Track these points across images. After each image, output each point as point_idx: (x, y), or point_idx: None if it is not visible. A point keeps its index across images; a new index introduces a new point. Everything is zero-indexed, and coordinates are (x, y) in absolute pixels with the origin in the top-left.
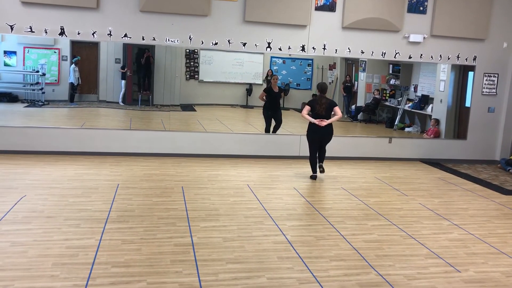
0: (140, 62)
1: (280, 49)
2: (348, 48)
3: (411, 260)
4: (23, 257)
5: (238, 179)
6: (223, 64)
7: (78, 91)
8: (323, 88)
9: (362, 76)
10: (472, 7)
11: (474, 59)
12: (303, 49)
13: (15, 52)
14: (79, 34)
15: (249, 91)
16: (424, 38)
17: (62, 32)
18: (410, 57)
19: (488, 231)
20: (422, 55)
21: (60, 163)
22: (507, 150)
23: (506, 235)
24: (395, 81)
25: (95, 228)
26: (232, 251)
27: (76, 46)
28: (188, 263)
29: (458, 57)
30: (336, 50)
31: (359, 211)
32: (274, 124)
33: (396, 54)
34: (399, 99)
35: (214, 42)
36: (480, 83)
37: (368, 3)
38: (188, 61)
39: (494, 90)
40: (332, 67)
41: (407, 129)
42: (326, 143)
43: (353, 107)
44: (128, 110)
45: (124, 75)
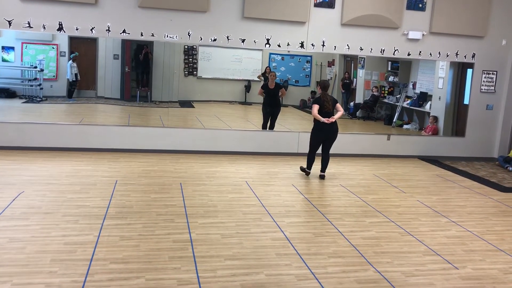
0: (138, 58)
1: (279, 45)
2: (347, 45)
3: (409, 257)
4: (21, 253)
5: (236, 175)
6: (222, 61)
7: (77, 87)
8: (326, 85)
9: (360, 73)
10: (471, 4)
11: (473, 56)
12: (302, 45)
13: (13, 48)
14: (77, 30)
15: (247, 88)
16: (423, 35)
17: (61, 28)
18: (409, 54)
19: (486, 228)
20: (421, 52)
21: (58, 159)
22: (505, 147)
23: (504, 232)
24: (393, 78)
25: (93, 224)
26: (231, 248)
27: (74, 42)
28: (187, 260)
29: (457, 54)
30: (335, 47)
31: (357, 208)
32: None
33: (395, 51)
34: (397, 96)
35: (213, 39)
36: (479, 81)
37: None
38: (186, 57)
39: (493, 88)
40: (331, 63)
41: (405, 126)
42: (331, 143)
43: (351, 104)
44: (126, 106)
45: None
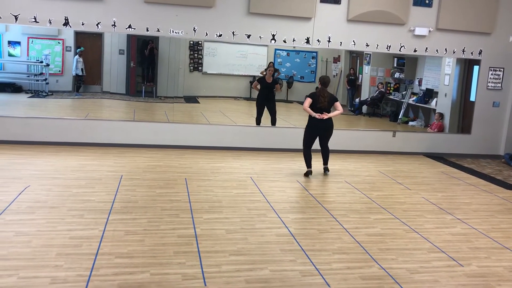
0: (144, 54)
1: (284, 41)
2: (353, 41)
3: (414, 254)
4: (27, 247)
5: (241, 171)
6: (227, 56)
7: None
8: (326, 81)
9: (366, 69)
10: (478, 1)
11: (480, 53)
12: (308, 41)
13: (19, 43)
14: (83, 24)
15: (252, 84)
16: (430, 31)
17: (67, 23)
18: (415, 50)
19: (491, 226)
20: (427, 48)
21: (63, 154)
22: None
23: (509, 229)
24: (399, 74)
25: (99, 218)
26: (235, 243)
27: (80, 37)
28: (191, 255)
29: (464, 51)
30: (341, 43)
31: (362, 205)
32: (270, 119)
33: (401, 47)
34: (403, 92)
35: (218, 34)
36: (485, 77)
37: None
38: (192, 52)
39: (500, 85)
40: (336, 60)
41: (411, 123)
42: (327, 139)
43: (357, 100)
44: (131, 101)
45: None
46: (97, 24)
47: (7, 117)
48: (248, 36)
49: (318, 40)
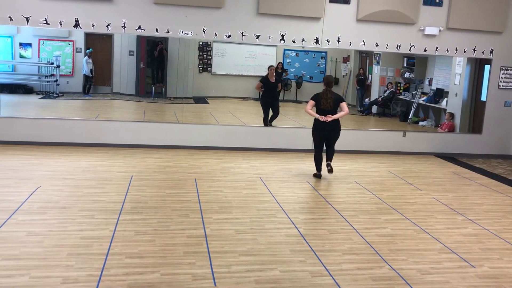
0: (153, 55)
1: (293, 41)
2: (363, 41)
3: (425, 255)
4: (38, 246)
5: (250, 171)
6: (236, 57)
7: (93, 82)
8: (330, 81)
9: (376, 69)
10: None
11: (491, 52)
12: (317, 41)
13: (30, 44)
14: (93, 26)
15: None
16: (440, 30)
17: (77, 24)
18: (425, 50)
19: (503, 227)
20: (437, 48)
21: (74, 155)
22: None
23: None
24: (409, 74)
25: (109, 219)
26: (245, 244)
27: (90, 38)
28: (201, 255)
29: (475, 50)
30: (350, 42)
31: (372, 205)
32: (272, 115)
33: (411, 47)
34: (413, 92)
35: (227, 35)
36: (497, 77)
37: None
38: (201, 53)
39: (511, 84)
40: (346, 59)
41: (421, 123)
42: (334, 141)
43: (366, 100)
44: (141, 102)
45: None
46: (107, 26)
47: (19, 118)
48: (257, 36)
49: (328, 40)
